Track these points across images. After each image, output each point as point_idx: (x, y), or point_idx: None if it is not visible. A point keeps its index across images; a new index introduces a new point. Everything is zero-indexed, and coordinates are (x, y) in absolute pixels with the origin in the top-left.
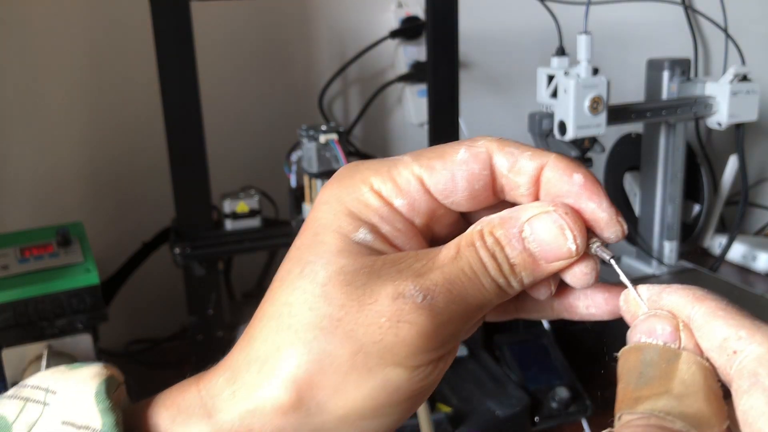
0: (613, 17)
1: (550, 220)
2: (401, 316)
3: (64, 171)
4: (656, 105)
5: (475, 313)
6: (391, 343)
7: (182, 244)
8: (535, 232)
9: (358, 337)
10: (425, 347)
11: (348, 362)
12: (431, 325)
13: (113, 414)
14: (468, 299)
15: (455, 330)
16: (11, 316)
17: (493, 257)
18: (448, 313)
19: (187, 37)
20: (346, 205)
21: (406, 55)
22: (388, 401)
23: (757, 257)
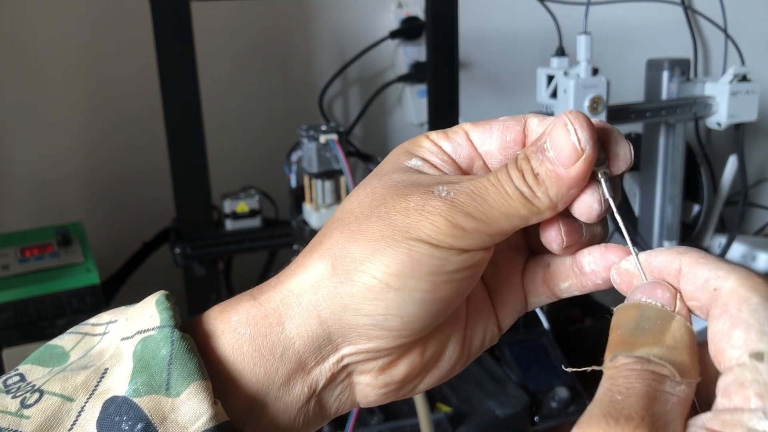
0: (613, 17)
1: (561, 123)
2: (426, 203)
3: (65, 171)
4: (656, 105)
5: (501, 221)
6: (415, 220)
7: (182, 244)
8: (552, 139)
9: (389, 217)
10: (445, 229)
11: (378, 234)
12: (450, 211)
13: (171, 311)
14: (491, 203)
15: (478, 226)
16: (12, 316)
17: (518, 169)
18: (469, 207)
19: (187, 37)
20: (404, 147)
21: (406, 55)
22: (411, 271)
23: (757, 257)
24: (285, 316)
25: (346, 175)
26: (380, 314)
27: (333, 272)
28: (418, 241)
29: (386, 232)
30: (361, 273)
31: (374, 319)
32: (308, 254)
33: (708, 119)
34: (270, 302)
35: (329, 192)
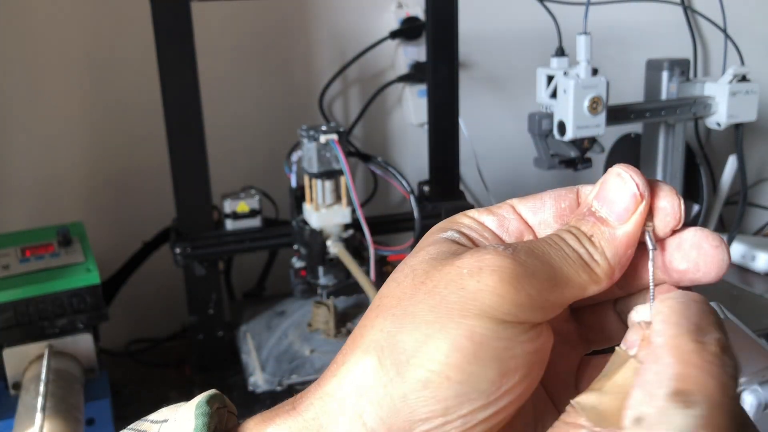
0: (613, 18)
1: (611, 175)
2: (483, 263)
3: (65, 171)
4: (655, 105)
5: (563, 284)
6: (473, 289)
7: (183, 244)
8: (601, 199)
9: (438, 291)
10: (510, 297)
11: (429, 315)
12: (514, 271)
13: (206, 417)
14: (552, 263)
15: (542, 289)
16: (12, 316)
17: (572, 234)
18: (532, 266)
19: (187, 38)
20: (439, 225)
21: (406, 55)
22: (474, 357)
23: (756, 257)
24: (326, 427)
25: (346, 175)
26: (439, 416)
27: (380, 368)
28: (480, 317)
29: (439, 312)
30: (414, 367)
31: (432, 423)
32: (349, 349)
33: (707, 119)
34: (309, 411)
35: (329, 192)
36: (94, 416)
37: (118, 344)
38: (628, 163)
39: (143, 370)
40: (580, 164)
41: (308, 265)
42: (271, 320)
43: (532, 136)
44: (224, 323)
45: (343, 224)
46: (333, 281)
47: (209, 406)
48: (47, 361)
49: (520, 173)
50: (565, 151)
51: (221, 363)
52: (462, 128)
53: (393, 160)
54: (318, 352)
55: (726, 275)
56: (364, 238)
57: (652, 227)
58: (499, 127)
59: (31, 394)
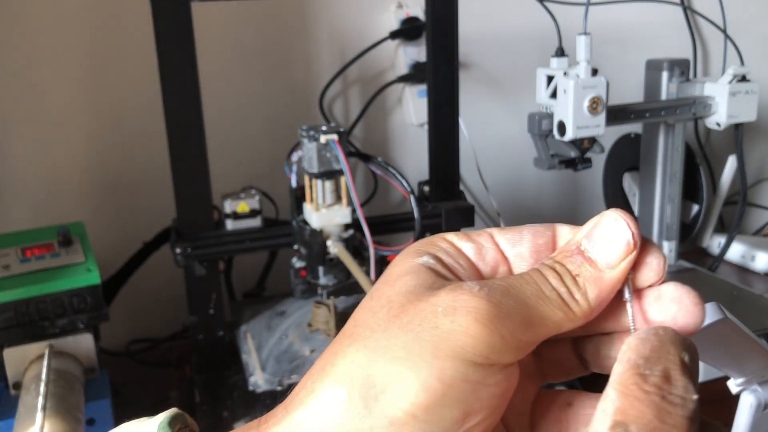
0: (613, 18)
1: (608, 218)
2: (458, 303)
3: (66, 171)
4: (655, 105)
5: (538, 324)
6: (447, 329)
7: (183, 244)
8: (594, 239)
9: (413, 328)
10: (483, 339)
11: (402, 351)
12: (488, 312)
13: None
14: (528, 302)
15: (515, 330)
16: (12, 316)
17: (554, 270)
18: (507, 307)
19: (188, 38)
20: (415, 246)
21: (406, 55)
22: (442, 398)
23: (756, 257)
24: None
25: (347, 175)
26: None
27: (349, 402)
28: (451, 358)
29: (412, 349)
30: (383, 404)
31: None
32: (319, 377)
33: (707, 119)
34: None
35: (329, 192)
36: (94, 416)
37: (119, 344)
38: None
39: (143, 370)
40: (580, 164)
41: (308, 265)
42: (271, 320)
43: (532, 136)
44: (224, 323)
45: (344, 224)
46: (333, 281)
47: (171, 427)
48: (47, 361)
49: (519, 173)
50: (565, 151)
51: (221, 363)
52: (462, 128)
53: (393, 160)
54: (318, 352)
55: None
56: (364, 238)
57: (631, 278)
58: (499, 127)
59: (32, 394)
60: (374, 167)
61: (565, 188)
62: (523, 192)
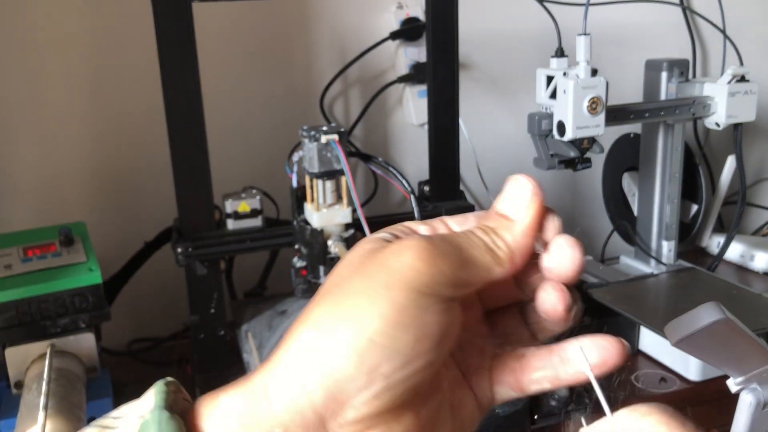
0: (612, 18)
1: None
2: (404, 244)
3: (67, 171)
4: (655, 105)
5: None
6: (396, 267)
7: (184, 244)
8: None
9: (368, 272)
10: (426, 271)
11: (360, 290)
12: (428, 250)
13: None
14: (461, 246)
15: (453, 267)
16: (14, 315)
17: (480, 228)
18: (444, 248)
19: (189, 39)
20: (378, 231)
21: (407, 56)
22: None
23: (755, 257)
24: (270, 388)
25: (347, 175)
26: (365, 374)
27: (319, 338)
28: (401, 289)
29: (368, 287)
30: (345, 330)
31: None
32: (295, 325)
33: (706, 119)
34: (257, 379)
35: (330, 192)
36: (95, 415)
37: (120, 343)
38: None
39: (145, 369)
40: (579, 164)
41: (309, 264)
42: (272, 319)
43: (532, 137)
44: (225, 322)
45: (344, 224)
46: None
47: (167, 385)
48: (49, 360)
49: (519, 173)
50: (564, 151)
51: (222, 362)
52: (462, 128)
53: (393, 160)
54: None
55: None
56: (364, 237)
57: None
58: (498, 127)
59: (34, 393)
60: (375, 167)
61: (565, 188)
62: None
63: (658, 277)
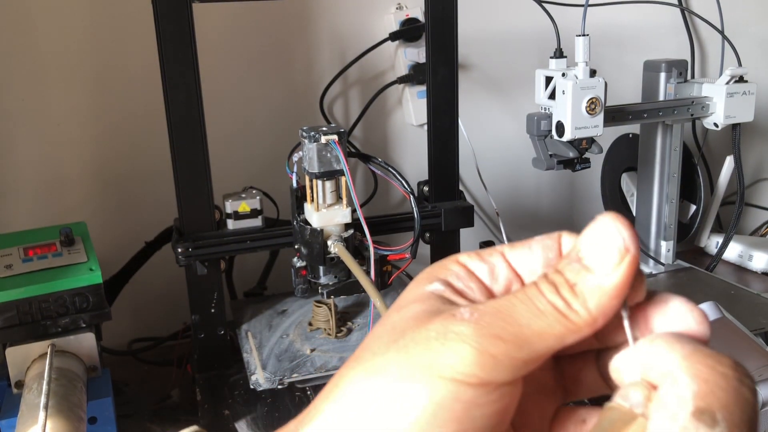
0: (611, 19)
1: (600, 225)
2: (448, 328)
3: (68, 171)
4: (653, 106)
5: (534, 340)
6: (437, 351)
7: (185, 244)
8: (589, 245)
9: (408, 350)
10: (471, 359)
11: (396, 373)
12: (476, 335)
13: None
14: (521, 320)
15: (508, 350)
16: (15, 315)
17: (549, 282)
18: (496, 328)
19: (189, 40)
20: (428, 271)
21: (406, 56)
22: (433, 417)
23: (753, 257)
24: None
25: (347, 175)
26: None
27: (346, 421)
28: (441, 378)
29: (405, 371)
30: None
31: None
32: (324, 397)
33: (705, 120)
34: None
35: (330, 192)
36: (96, 415)
37: (121, 343)
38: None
39: (145, 368)
40: (578, 164)
41: (309, 264)
42: (272, 319)
43: (531, 137)
44: (225, 322)
45: (344, 224)
46: (334, 281)
47: None
48: (50, 359)
49: (518, 174)
50: (563, 151)
51: (222, 362)
52: (461, 129)
53: (393, 160)
54: (318, 351)
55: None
56: (364, 237)
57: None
58: (498, 127)
59: (34, 393)
60: (374, 167)
61: (564, 188)
62: (522, 192)
63: (656, 277)
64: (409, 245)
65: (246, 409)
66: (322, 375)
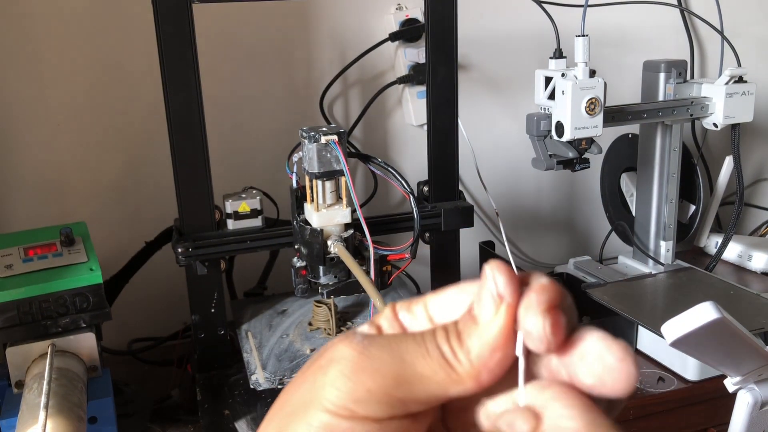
0: (611, 20)
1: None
2: (334, 354)
3: (68, 171)
4: (653, 106)
5: (414, 381)
6: (319, 383)
7: (185, 244)
8: (477, 295)
9: (300, 385)
10: (346, 390)
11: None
12: (355, 364)
13: None
14: (406, 357)
15: (385, 385)
16: (15, 315)
17: (444, 329)
18: (379, 360)
19: (189, 40)
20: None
21: (406, 57)
22: None
23: (753, 257)
24: None
25: (347, 175)
26: None
27: None
28: (318, 411)
29: (294, 406)
30: None
31: None
32: None
33: (704, 120)
34: None
35: (329, 192)
36: (96, 414)
37: (121, 343)
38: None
39: (145, 368)
40: (577, 165)
41: (309, 264)
42: (272, 319)
43: (531, 137)
44: (226, 322)
45: (344, 224)
46: (333, 280)
47: None
48: (50, 359)
49: (518, 174)
50: (563, 151)
51: (223, 361)
52: (461, 129)
53: (393, 160)
54: (318, 351)
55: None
56: (364, 237)
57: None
58: (497, 128)
59: (34, 393)
60: (374, 167)
61: (563, 188)
62: (522, 192)
63: (656, 277)
64: (408, 245)
65: (246, 409)
66: None
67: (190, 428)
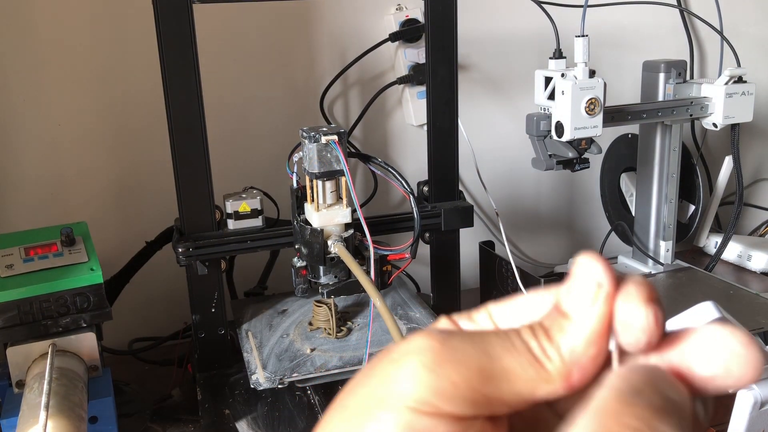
0: (610, 20)
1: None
2: (410, 346)
3: (69, 171)
4: (652, 106)
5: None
6: (394, 377)
7: (185, 244)
8: (565, 290)
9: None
10: (428, 383)
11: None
12: (437, 355)
13: None
14: (491, 351)
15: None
16: (16, 315)
17: (530, 328)
18: (463, 351)
19: (190, 40)
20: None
21: (406, 57)
22: None
23: (752, 257)
24: None
25: (347, 175)
26: None
27: None
28: (394, 408)
29: (362, 404)
30: None
31: None
32: None
33: (704, 120)
34: None
35: (330, 192)
36: (97, 414)
37: (121, 343)
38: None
39: (146, 368)
40: (577, 165)
41: (309, 264)
42: (272, 319)
43: (530, 137)
44: (226, 322)
45: (344, 224)
46: (334, 280)
47: None
48: (51, 359)
49: (518, 174)
50: (562, 151)
51: (223, 361)
52: (461, 129)
53: (393, 160)
54: (318, 351)
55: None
56: (364, 237)
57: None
58: (497, 128)
59: (35, 392)
60: (374, 167)
61: (563, 188)
62: (522, 192)
63: (655, 276)
64: (408, 245)
65: (246, 409)
66: (322, 374)
67: (190, 428)
